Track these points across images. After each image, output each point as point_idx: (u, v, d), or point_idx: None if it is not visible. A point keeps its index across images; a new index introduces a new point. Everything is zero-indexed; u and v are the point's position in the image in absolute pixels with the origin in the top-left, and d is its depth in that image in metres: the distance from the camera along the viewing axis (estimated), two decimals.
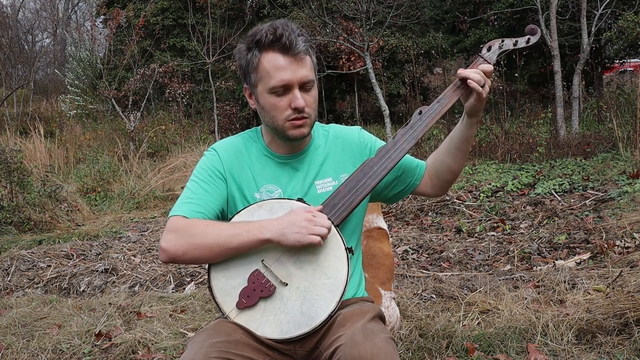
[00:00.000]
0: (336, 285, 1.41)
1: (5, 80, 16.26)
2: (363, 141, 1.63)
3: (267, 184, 1.54)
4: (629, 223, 3.97)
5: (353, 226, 1.58)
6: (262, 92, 1.48)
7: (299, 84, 1.44)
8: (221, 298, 1.43)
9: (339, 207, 1.47)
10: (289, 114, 1.46)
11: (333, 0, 9.27)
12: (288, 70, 1.42)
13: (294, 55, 1.43)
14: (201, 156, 1.61)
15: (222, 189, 1.52)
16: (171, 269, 4.12)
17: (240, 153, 1.57)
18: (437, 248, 4.24)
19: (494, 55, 1.55)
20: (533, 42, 1.58)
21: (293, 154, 1.56)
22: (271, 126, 1.51)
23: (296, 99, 1.44)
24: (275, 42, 1.42)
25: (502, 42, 1.57)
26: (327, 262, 1.42)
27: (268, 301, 1.40)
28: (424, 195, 1.70)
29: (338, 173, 1.57)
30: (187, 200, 1.49)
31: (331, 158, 1.59)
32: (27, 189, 6.09)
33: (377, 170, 1.50)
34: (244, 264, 1.43)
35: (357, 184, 1.49)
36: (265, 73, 1.44)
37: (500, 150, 7.36)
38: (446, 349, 2.39)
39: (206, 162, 1.55)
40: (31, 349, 2.68)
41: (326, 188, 1.55)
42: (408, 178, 1.64)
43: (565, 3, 8.84)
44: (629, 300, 2.46)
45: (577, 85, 8.05)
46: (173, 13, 15.52)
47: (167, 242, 1.41)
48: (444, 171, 1.61)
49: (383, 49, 11.48)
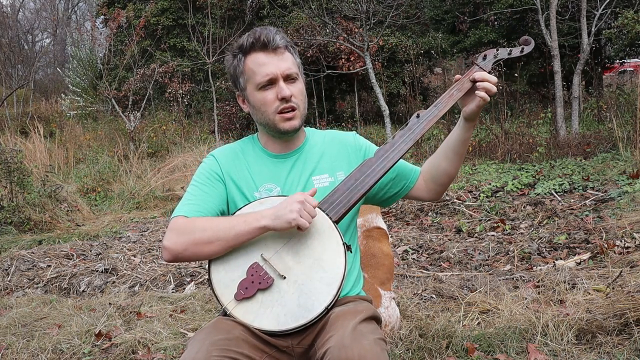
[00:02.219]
0: (333, 278, 1.43)
1: (5, 80, 16.26)
2: (358, 144, 1.69)
3: (265, 183, 1.58)
4: (629, 223, 3.97)
5: (347, 223, 1.61)
6: (251, 92, 1.56)
7: (283, 76, 1.53)
8: (220, 290, 1.45)
9: (337, 203, 1.51)
10: (277, 106, 1.53)
11: (333, 0, 9.27)
12: (270, 64, 1.52)
13: (274, 50, 1.52)
14: (201, 156, 1.65)
15: (221, 191, 1.57)
16: (171, 269, 4.12)
17: (236, 156, 1.63)
18: (437, 248, 4.24)
19: (489, 63, 1.62)
20: (527, 51, 1.65)
21: (289, 152, 1.62)
22: (264, 123, 1.57)
23: (282, 89, 1.52)
24: (255, 43, 1.52)
25: (497, 51, 1.63)
26: (325, 255, 1.45)
27: (266, 293, 1.42)
28: (419, 199, 1.75)
29: (334, 170, 1.62)
30: (187, 202, 1.54)
31: (327, 156, 1.64)
32: (27, 189, 6.10)
33: (376, 169, 1.54)
34: (243, 257, 1.46)
35: (356, 182, 1.53)
36: (250, 73, 1.54)
37: (500, 150, 7.36)
38: (446, 349, 2.39)
39: (204, 167, 1.62)
40: (31, 349, 2.68)
41: (323, 183, 1.60)
42: (402, 180, 1.68)
43: (565, 3, 8.85)
44: (629, 300, 2.46)
45: (577, 85, 8.06)
46: (173, 13, 15.51)
47: (169, 240, 1.46)
48: (440, 174, 1.64)
49: (383, 49, 11.48)
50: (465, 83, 1.57)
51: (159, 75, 12.80)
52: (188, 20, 12.56)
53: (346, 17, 9.98)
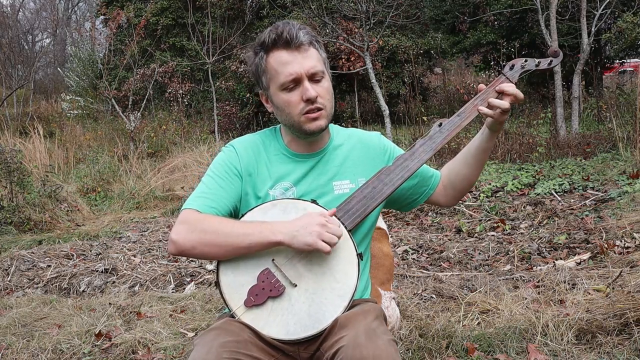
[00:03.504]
0: (345, 290, 1.41)
1: (5, 80, 16.25)
2: (383, 147, 1.64)
3: (282, 182, 1.53)
4: (629, 223, 3.97)
5: (365, 232, 1.58)
6: (274, 92, 1.49)
7: (308, 76, 1.45)
8: (229, 294, 1.42)
9: (352, 211, 1.47)
10: (302, 107, 1.46)
11: (333, 0, 9.27)
12: (294, 63, 1.44)
13: (297, 47, 1.45)
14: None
15: (237, 186, 1.52)
16: (171, 269, 4.12)
17: (258, 150, 1.56)
18: (437, 248, 4.24)
19: (517, 74, 1.56)
20: (555, 64, 1.58)
21: (312, 152, 1.56)
22: (289, 124, 1.51)
23: (306, 90, 1.45)
24: (277, 39, 1.44)
25: (525, 61, 1.57)
26: (338, 266, 1.42)
27: (276, 301, 1.40)
28: (437, 205, 1.71)
29: (356, 176, 1.57)
30: (201, 194, 1.49)
31: (350, 161, 1.58)
32: (27, 189, 6.10)
33: (394, 178, 1.50)
34: (254, 261, 1.42)
35: (373, 191, 1.49)
36: (273, 72, 1.46)
37: (500, 150, 7.35)
38: (446, 349, 2.39)
39: (224, 157, 1.55)
40: (31, 349, 2.68)
41: (344, 190, 1.55)
42: (423, 187, 1.65)
43: (565, 3, 8.84)
44: (629, 300, 2.46)
45: (577, 85, 8.06)
46: (173, 12, 15.52)
47: (178, 234, 1.40)
48: (460, 181, 1.62)
49: (383, 49, 11.48)
50: (491, 93, 1.52)
51: (158, 75, 12.81)
52: (188, 20, 12.56)
53: (346, 17, 9.98)
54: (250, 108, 12.20)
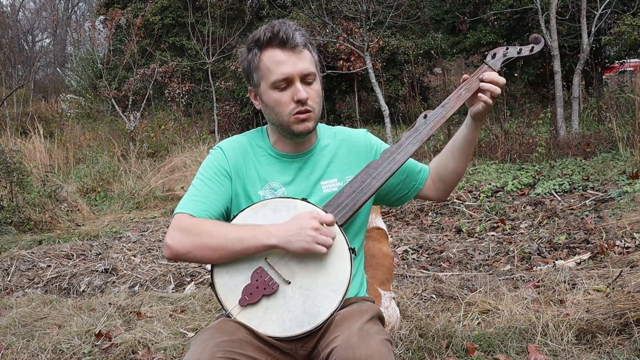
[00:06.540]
0: (339, 284, 1.41)
1: (5, 80, 16.25)
2: (369, 144, 1.64)
3: (271, 182, 1.54)
4: (629, 223, 3.97)
5: (358, 227, 1.58)
6: (265, 90, 1.49)
7: (300, 77, 1.46)
8: (224, 295, 1.43)
9: (342, 206, 1.48)
10: (292, 108, 1.47)
11: (333, 0, 9.27)
12: (288, 63, 1.45)
13: (292, 48, 1.45)
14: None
15: (227, 188, 1.53)
16: (171, 269, 4.12)
17: (246, 151, 1.57)
18: (437, 248, 4.24)
19: (499, 62, 1.58)
20: (537, 50, 1.60)
21: (299, 153, 1.57)
22: (277, 123, 1.51)
23: (298, 91, 1.45)
24: (273, 38, 1.45)
25: (506, 49, 1.59)
26: (331, 261, 1.43)
27: (271, 299, 1.40)
28: (427, 199, 1.72)
29: (344, 174, 1.57)
30: (193, 198, 1.49)
31: (337, 159, 1.59)
32: (27, 189, 6.09)
33: (382, 171, 1.51)
34: (247, 261, 1.43)
35: (362, 185, 1.50)
36: (266, 69, 1.47)
37: (500, 150, 7.35)
38: (446, 349, 2.39)
39: (212, 160, 1.56)
40: (31, 349, 2.68)
41: (332, 188, 1.55)
42: (412, 182, 1.65)
43: (565, 3, 8.85)
44: (629, 300, 2.46)
45: (577, 85, 8.05)
46: (173, 12, 15.52)
47: (173, 239, 1.41)
48: (448, 174, 1.62)
49: (383, 50, 11.47)
50: (474, 83, 1.55)
51: (158, 75, 12.80)
52: (187, 19, 12.57)
53: (346, 18, 9.97)
54: (250, 108, 12.20)
